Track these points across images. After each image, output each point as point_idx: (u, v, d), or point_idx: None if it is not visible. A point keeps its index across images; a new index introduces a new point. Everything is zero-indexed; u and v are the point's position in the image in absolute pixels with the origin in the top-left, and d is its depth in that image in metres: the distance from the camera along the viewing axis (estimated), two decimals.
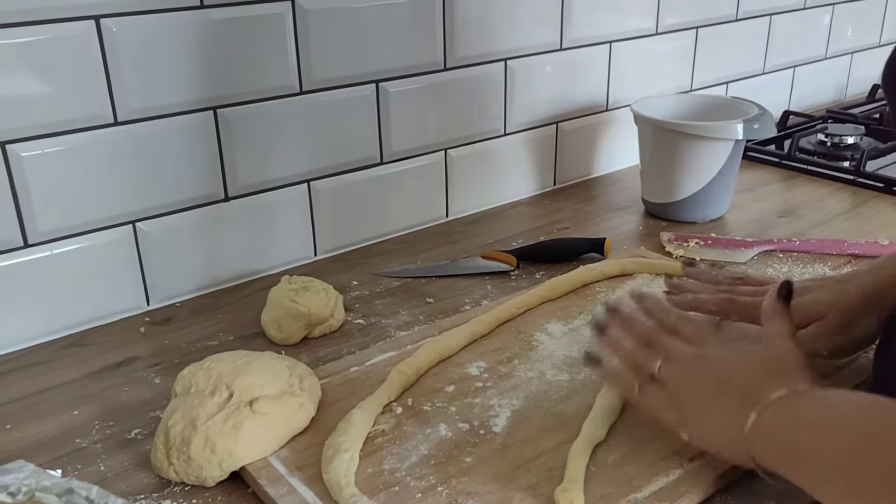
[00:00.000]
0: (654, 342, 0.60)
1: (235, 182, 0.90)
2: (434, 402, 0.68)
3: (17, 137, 0.75)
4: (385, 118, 0.99)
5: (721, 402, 0.54)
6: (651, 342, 0.60)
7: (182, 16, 0.80)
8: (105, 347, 0.80)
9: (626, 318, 0.64)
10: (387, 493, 0.57)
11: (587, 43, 1.16)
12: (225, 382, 0.64)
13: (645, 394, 0.58)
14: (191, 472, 0.60)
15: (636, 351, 0.60)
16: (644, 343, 0.61)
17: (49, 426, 0.68)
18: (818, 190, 1.17)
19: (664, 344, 0.59)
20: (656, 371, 0.58)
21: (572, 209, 1.13)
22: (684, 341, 0.59)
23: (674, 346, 0.59)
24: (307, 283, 0.82)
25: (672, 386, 0.57)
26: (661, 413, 0.57)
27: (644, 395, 0.58)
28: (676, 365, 0.58)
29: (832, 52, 1.61)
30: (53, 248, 0.80)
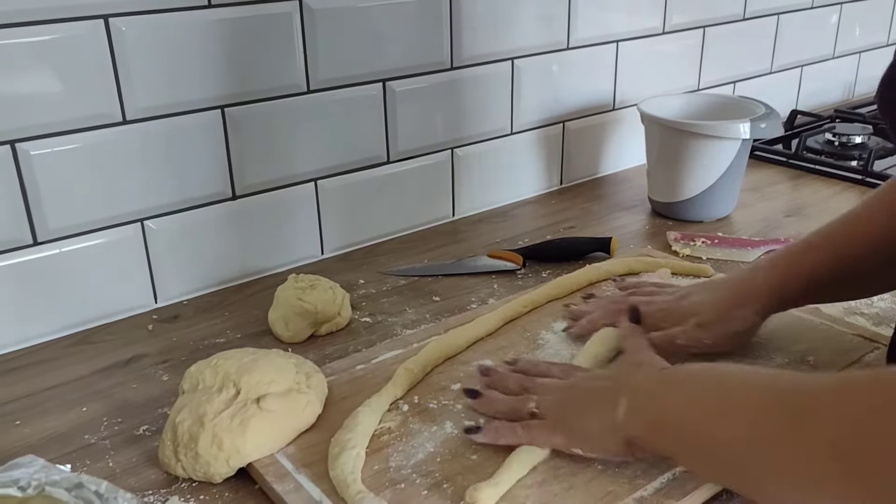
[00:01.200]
0: (528, 388, 0.64)
1: (243, 181, 0.90)
2: (440, 399, 0.68)
3: (26, 136, 0.75)
4: (392, 117, 0.99)
5: (594, 405, 0.59)
6: (525, 388, 0.64)
7: (190, 15, 0.81)
8: (113, 345, 0.81)
9: (499, 377, 0.67)
10: (393, 491, 0.58)
11: (594, 42, 1.17)
12: (232, 380, 0.64)
13: (529, 430, 0.60)
14: (198, 468, 0.60)
15: (510, 400, 0.64)
16: (517, 391, 0.64)
17: (58, 422, 0.69)
18: (825, 189, 1.17)
19: (536, 385, 0.64)
20: (533, 408, 0.61)
21: (579, 208, 1.13)
22: (553, 378, 0.64)
23: (543, 383, 0.64)
24: (314, 281, 0.82)
25: (551, 413, 0.60)
26: (550, 440, 0.60)
27: (528, 432, 0.60)
28: (550, 396, 0.62)
29: (840, 51, 1.61)
30: (62, 246, 0.80)
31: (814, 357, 0.72)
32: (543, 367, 0.67)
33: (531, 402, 0.61)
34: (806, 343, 0.75)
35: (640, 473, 0.58)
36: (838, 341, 0.75)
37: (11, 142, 0.75)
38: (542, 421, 0.60)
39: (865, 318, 0.80)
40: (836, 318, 0.79)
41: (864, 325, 0.78)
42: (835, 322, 0.78)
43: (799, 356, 0.73)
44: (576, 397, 0.61)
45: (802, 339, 0.75)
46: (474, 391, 0.66)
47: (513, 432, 0.60)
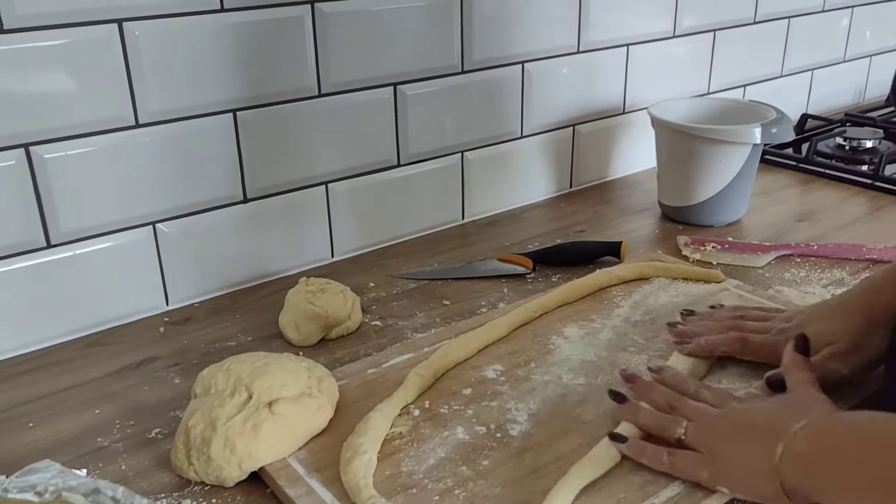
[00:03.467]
0: (677, 408, 0.61)
1: (254, 184, 0.90)
2: (451, 404, 0.68)
3: (40, 139, 0.76)
4: (402, 120, 0.99)
5: (750, 443, 0.55)
6: (673, 407, 0.61)
7: (203, 19, 0.81)
8: (125, 347, 0.81)
9: (645, 387, 0.64)
10: (404, 496, 0.58)
11: (604, 46, 1.16)
12: (244, 384, 0.64)
13: (675, 460, 0.58)
14: (210, 472, 0.60)
15: (660, 416, 0.61)
16: (664, 407, 0.61)
17: (71, 425, 0.69)
18: (836, 194, 1.17)
19: (687, 407, 0.60)
20: (682, 434, 0.58)
21: (589, 212, 1.13)
22: (705, 404, 0.61)
23: (696, 408, 0.60)
24: (325, 284, 0.82)
25: (701, 444, 0.57)
26: (695, 474, 0.57)
27: (674, 461, 0.58)
28: (702, 424, 0.58)
29: (851, 54, 1.60)
30: (75, 249, 0.80)
31: None
32: (693, 388, 0.63)
33: (681, 427, 0.58)
34: None
35: (651, 480, 0.58)
36: None
37: (25, 145, 0.75)
38: (691, 452, 0.57)
39: None
40: None
41: None
42: None
43: None
44: (731, 432, 0.57)
45: None
46: (622, 395, 0.63)
47: (658, 458, 0.58)
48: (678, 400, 0.61)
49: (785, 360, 0.64)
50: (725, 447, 0.56)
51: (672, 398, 0.62)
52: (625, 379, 0.66)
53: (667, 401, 0.62)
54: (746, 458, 0.54)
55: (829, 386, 0.62)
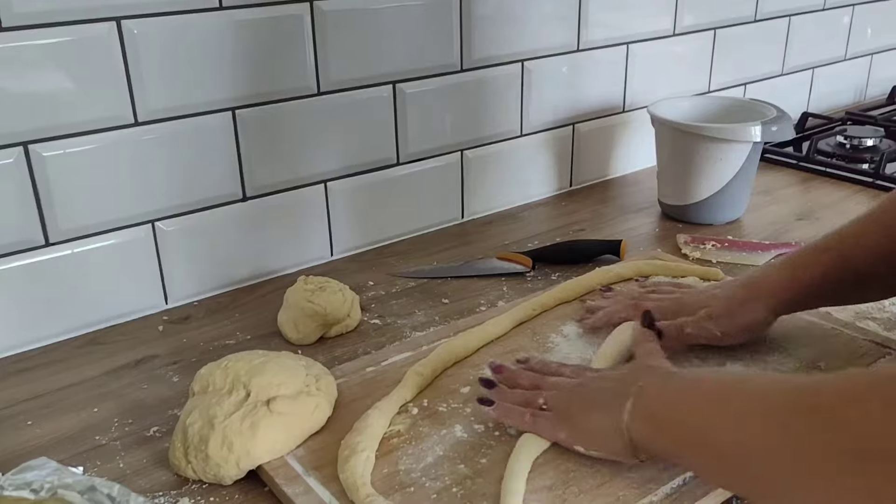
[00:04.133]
0: (539, 385, 0.65)
1: (253, 182, 0.90)
2: (450, 402, 0.68)
3: (38, 137, 0.76)
4: (402, 119, 0.99)
5: (600, 405, 0.59)
6: (536, 386, 0.65)
7: (202, 17, 0.81)
8: (124, 345, 0.81)
9: (511, 375, 0.68)
10: (402, 494, 0.58)
11: (604, 44, 1.16)
12: (242, 382, 0.64)
13: (535, 419, 0.62)
14: (208, 470, 0.60)
15: (522, 392, 0.65)
16: (529, 388, 0.65)
17: (69, 423, 0.69)
18: (837, 192, 1.17)
19: (547, 382, 0.65)
20: (542, 404, 0.63)
21: (588, 211, 1.13)
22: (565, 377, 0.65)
23: (555, 381, 0.65)
24: (323, 283, 0.82)
25: (557, 408, 0.62)
26: (554, 433, 0.61)
27: (535, 421, 0.62)
28: (559, 392, 0.63)
29: (851, 53, 1.60)
30: (74, 247, 0.80)
31: (825, 362, 0.72)
32: (554, 367, 0.68)
33: (541, 398, 0.63)
34: (817, 348, 0.74)
35: (650, 478, 0.58)
36: (849, 346, 0.75)
37: (24, 143, 0.75)
38: (551, 414, 0.62)
39: (877, 323, 0.79)
40: (848, 323, 0.78)
41: (876, 329, 0.78)
42: (846, 327, 0.78)
43: (810, 361, 0.72)
44: (583, 395, 0.62)
45: (813, 344, 0.75)
46: (490, 381, 0.66)
47: (521, 417, 0.62)
48: (540, 379, 0.66)
49: (633, 333, 0.70)
50: (579, 410, 0.61)
51: (535, 378, 0.66)
52: (492, 370, 0.69)
53: (531, 382, 0.66)
54: (597, 418, 0.59)
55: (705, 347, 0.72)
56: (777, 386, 0.50)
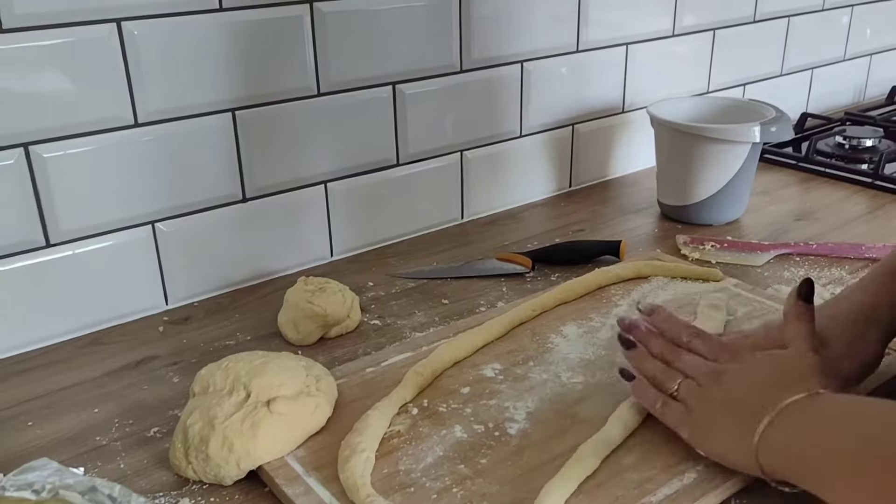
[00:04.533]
0: (671, 361, 0.63)
1: (253, 183, 0.90)
2: (449, 403, 0.68)
3: (39, 139, 0.76)
4: (402, 120, 0.99)
5: (732, 417, 0.56)
6: (669, 361, 0.63)
7: (202, 18, 0.81)
8: (124, 346, 0.81)
9: (645, 337, 0.66)
10: (402, 494, 0.58)
11: (604, 45, 1.16)
12: (242, 382, 0.64)
13: (665, 409, 0.61)
14: (209, 470, 0.60)
15: (657, 369, 0.63)
16: (664, 360, 0.63)
17: (70, 423, 0.69)
18: (836, 193, 1.17)
19: (681, 362, 0.62)
20: (674, 390, 0.61)
21: (588, 211, 1.13)
22: (700, 357, 0.62)
23: (690, 364, 0.61)
24: (323, 283, 0.82)
25: (689, 403, 0.59)
26: (679, 428, 0.60)
27: (665, 411, 0.61)
28: (693, 383, 0.60)
29: (851, 53, 1.60)
30: (75, 248, 0.81)
31: None
32: (685, 335, 0.64)
33: (674, 383, 0.60)
34: None
35: (648, 479, 0.58)
36: None
37: (24, 144, 0.75)
38: (680, 408, 0.59)
39: None
40: None
41: None
42: None
43: None
44: (717, 400, 0.57)
45: None
46: (631, 341, 0.65)
47: (653, 402, 0.61)
48: (673, 353, 0.63)
49: (786, 308, 0.61)
50: (709, 414, 0.57)
51: (667, 350, 0.63)
52: (625, 328, 0.67)
53: (662, 352, 0.63)
54: (727, 432, 0.56)
55: None
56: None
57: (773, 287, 0.89)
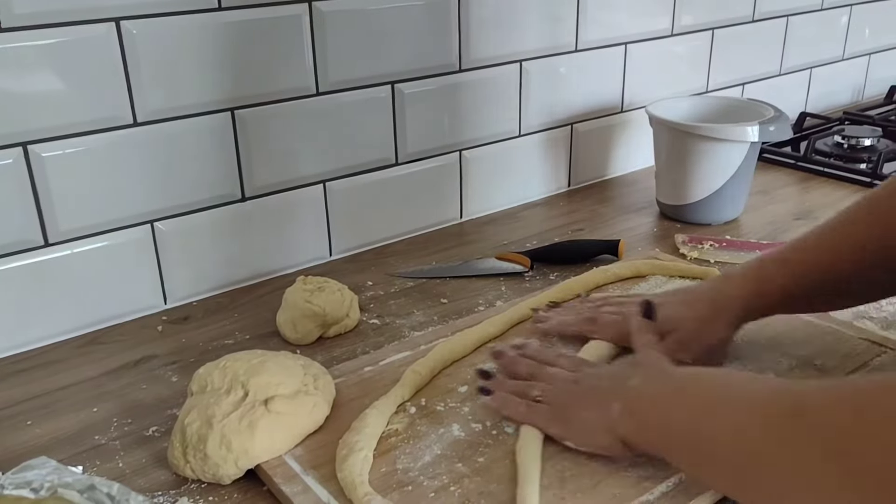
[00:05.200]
0: (536, 375, 0.66)
1: (252, 182, 0.90)
2: (447, 402, 0.68)
3: (38, 138, 0.76)
4: (400, 119, 0.99)
5: (592, 402, 0.60)
6: (533, 376, 0.66)
7: (201, 18, 0.81)
8: (123, 345, 0.82)
9: (510, 361, 0.69)
10: (400, 493, 0.58)
11: (602, 44, 1.17)
12: (240, 381, 0.64)
13: (531, 411, 0.63)
14: (207, 469, 0.61)
15: (518, 384, 0.66)
16: (526, 377, 0.67)
17: (68, 423, 0.69)
18: (834, 192, 1.17)
19: (544, 373, 0.66)
20: (538, 396, 0.63)
21: (587, 210, 1.13)
22: (562, 369, 0.66)
23: (552, 373, 0.66)
24: (322, 283, 0.82)
25: (552, 402, 0.63)
26: (547, 427, 0.62)
27: (530, 412, 0.63)
28: (555, 386, 0.64)
29: (849, 53, 1.60)
30: (73, 248, 0.81)
31: (821, 361, 0.72)
32: (552, 356, 0.68)
33: (536, 390, 0.64)
34: (813, 347, 0.75)
35: (646, 477, 0.58)
36: (846, 345, 0.75)
37: (23, 144, 0.75)
38: (545, 407, 0.63)
39: (874, 322, 0.79)
40: (844, 322, 0.79)
41: (873, 329, 0.78)
42: (842, 326, 0.78)
43: (806, 360, 0.73)
44: (578, 392, 0.62)
45: (809, 343, 0.75)
46: (486, 372, 0.68)
47: (517, 407, 0.64)
48: (538, 368, 0.67)
49: (632, 323, 0.68)
50: (573, 406, 0.61)
51: (532, 367, 0.67)
52: (492, 356, 0.71)
53: (528, 370, 0.67)
54: (589, 415, 0.60)
55: None
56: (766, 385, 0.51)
57: None
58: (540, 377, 0.66)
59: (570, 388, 0.63)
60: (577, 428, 0.60)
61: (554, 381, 0.65)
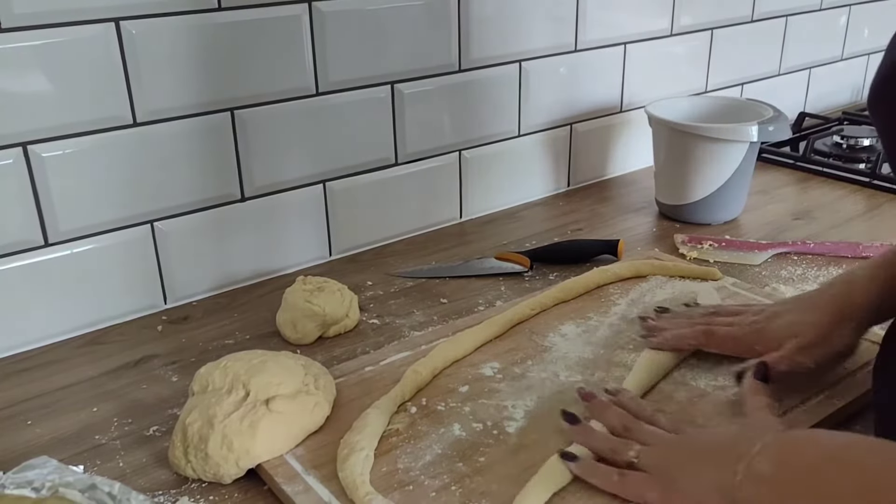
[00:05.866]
0: (631, 429, 0.60)
1: (252, 182, 0.90)
2: (448, 402, 0.68)
3: (38, 138, 0.76)
4: (400, 119, 1.00)
5: (706, 464, 0.54)
6: (628, 429, 0.60)
7: (200, 18, 0.81)
8: (123, 345, 0.81)
9: (601, 407, 0.63)
10: (401, 492, 0.58)
11: (602, 44, 1.17)
12: (241, 381, 0.64)
13: (624, 481, 0.56)
14: (208, 469, 0.61)
15: (611, 440, 0.59)
16: (619, 430, 0.60)
17: (69, 423, 0.69)
18: (833, 192, 1.17)
19: (642, 431, 0.59)
20: (633, 458, 0.57)
21: (586, 210, 1.13)
22: (661, 428, 0.60)
23: (651, 432, 0.59)
24: (322, 283, 0.82)
25: (653, 467, 0.56)
26: (645, 495, 0.55)
27: (624, 482, 0.56)
28: (655, 448, 0.57)
29: (848, 53, 1.60)
30: (73, 248, 0.81)
31: None
32: (649, 413, 0.62)
33: (632, 451, 0.57)
34: None
35: None
36: None
37: (23, 144, 0.75)
38: (642, 474, 0.56)
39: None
40: None
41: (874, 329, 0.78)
42: None
43: None
44: (686, 454, 0.56)
45: None
46: (574, 416, 0.62)
47: (608, 478, 0.57)
48: (633, 422, 0.60)
49: (744, 387, 0.64)
50: (679, 469, 0.55)
51: (627, 420, 0.61)
52: (582, 398, 0.65)
53: (622, 423, 0.61)
54: (702, 478, 0.53)
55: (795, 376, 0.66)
56: None
57: (771, 286, 0.89)
58: (636, 434, 0.59)
59: (675, 451, 0.56)
60: (685, 491, 0.53)
61: (654, 440, 0.58)
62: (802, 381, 0.67)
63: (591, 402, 0.64)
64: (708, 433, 0.60)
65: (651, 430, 0.59)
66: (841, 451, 0.49)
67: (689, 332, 0.73)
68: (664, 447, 0.57)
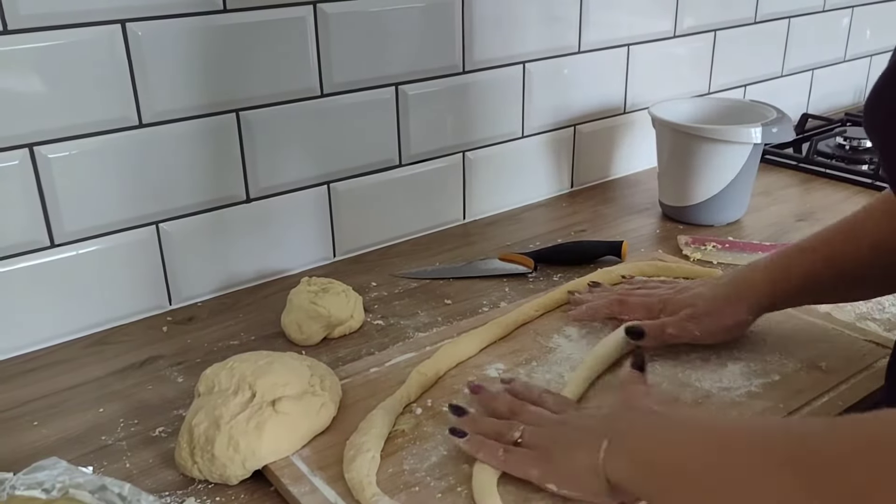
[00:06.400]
0: (517, 413, 0.63)
1: (257, 183, 0.91)
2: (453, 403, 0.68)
3: (44, 139, 0.76)
4: (404, 121, 1.00)
5: (577, 443, 0.57)
6: (514, 413, 0.63)
7: (206, 20, 0.82)
8: (129, 346, 0.82)
9: (488, 397, 0.66)
10: (407, 493, 0.58)
11: (605, 46, 1.17)
12: (248, 382, 0.65)
13: (508, 456, 0.59)
14: (214, 470, 0.61)
15: (496, 423, 0.62)
16: (506, 414, 0.63)
17: (75, 423, 0.70)
18: (836, 194, 1.17)
19: (526, 412, 0.62)
20: (517, 437, 0.60)
21: (590, 212, 1.14)
22: (546, 410, 0.63)
23: (534, 412, 0.62)
24: (327, 284, 0.82)
25: (535, 446, 0.59)
26: (527, 471, 0.58)
27: (508, 457, 0.59)
28: (538, 428, 0.60)
29: (851, 54, 1.60)
30: (79, 248, 0.81)
31: (826, 363, 0.73)
32: (536, 394, 0.65)
33: (517, 431, 0.60)
34: (817, 348, 0.75)
35: None
36: (850, 347, 0.75)
37: (29, 145, 0.76)
38: (524, 450, 0.59)
39: (877, 324, 0.80)
40: (848, 324, 0.79)
41: (877, 330, 0.78)
42: (846, 327, 0.78)
43: (811, 361, 0.73)
44: (563, 433, 0.59)
45: (814, 345, 0.75)
46: (460, 408, 0.64)
47: (493, 453, 0.59)
48: (519, 406, 0.63)
49: (622, 374, 0.69)
50: (556, 447, 0.58)
51: (514, 405, 0.64)
52: (471, 390, 0.67)
53: (509, 408, 0.63)
54: (575, 456, 0.56)
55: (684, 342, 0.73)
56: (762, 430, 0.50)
57: None
58: (521, 416, 0.62)
59: (554, 430, 0.60)
60: (562, 470, 0.57)
61: (537, 421, 0.61)
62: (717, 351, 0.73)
63: (479, 395, 0.67)
64: (584, 414, 0.62)
65: (536, 410, 0.63)
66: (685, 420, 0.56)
67: (604, 302, 0.79)
68: (546, 427, 0.60)
